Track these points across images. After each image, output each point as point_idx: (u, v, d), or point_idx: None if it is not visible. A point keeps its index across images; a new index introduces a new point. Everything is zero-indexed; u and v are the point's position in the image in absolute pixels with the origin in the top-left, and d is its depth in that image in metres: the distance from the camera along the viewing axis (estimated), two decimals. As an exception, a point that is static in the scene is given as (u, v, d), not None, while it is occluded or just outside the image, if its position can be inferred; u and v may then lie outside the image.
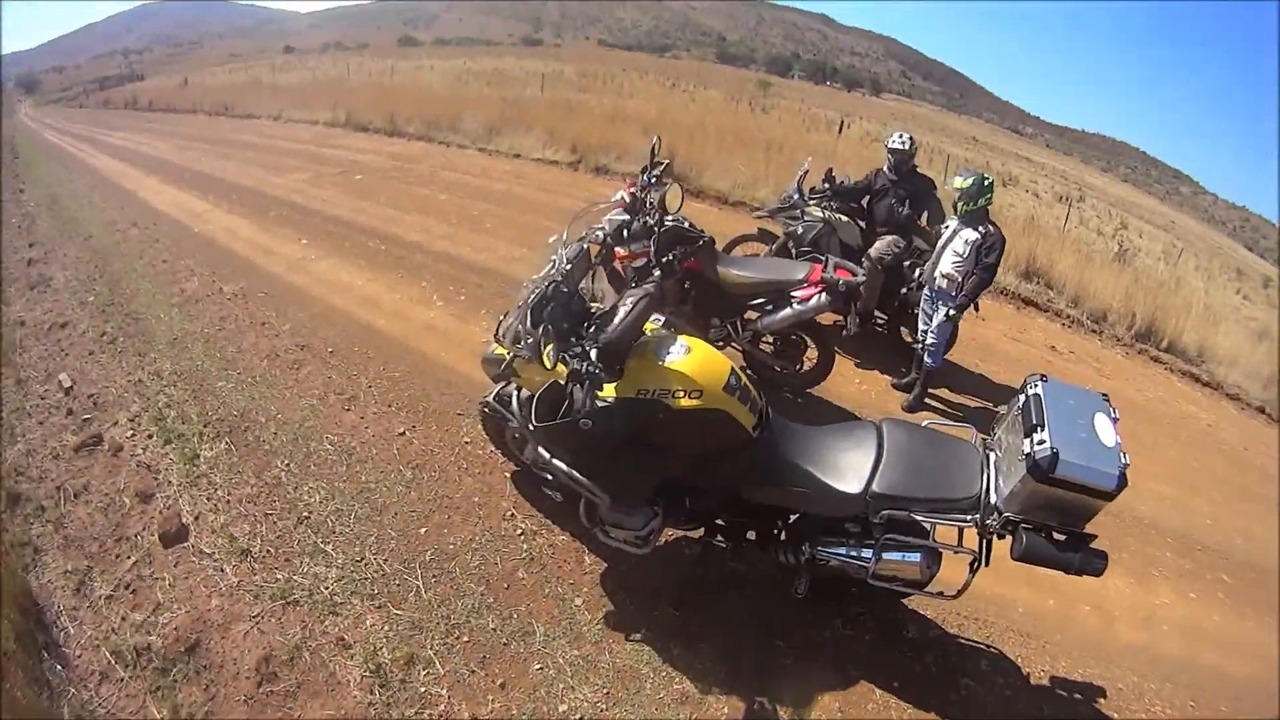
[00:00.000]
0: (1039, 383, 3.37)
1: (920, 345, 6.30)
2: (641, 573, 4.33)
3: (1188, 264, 23.53)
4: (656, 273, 5.05)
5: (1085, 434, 3.12)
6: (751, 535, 4.01)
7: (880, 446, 3.55)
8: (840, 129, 22.68)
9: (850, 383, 6.59)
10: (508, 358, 3.86)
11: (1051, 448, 2.97)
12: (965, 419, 6.10)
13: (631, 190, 5.67)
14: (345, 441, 5.42)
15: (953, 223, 6.05)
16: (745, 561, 4.37)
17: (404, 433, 5.52)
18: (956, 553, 3.47)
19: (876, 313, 7.36)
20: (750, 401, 3.52)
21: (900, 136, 7.26)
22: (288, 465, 5.20)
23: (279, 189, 12.53)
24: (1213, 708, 4.26)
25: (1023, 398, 3.37)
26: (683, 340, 3.54)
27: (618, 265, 5.65)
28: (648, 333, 3.68)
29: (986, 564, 3.44)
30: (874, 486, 3.39)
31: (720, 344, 5.88)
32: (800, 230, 7.24)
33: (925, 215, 7.22)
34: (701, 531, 4.09)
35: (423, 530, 4.64)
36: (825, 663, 3.95)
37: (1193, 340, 10.30)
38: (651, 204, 5.57)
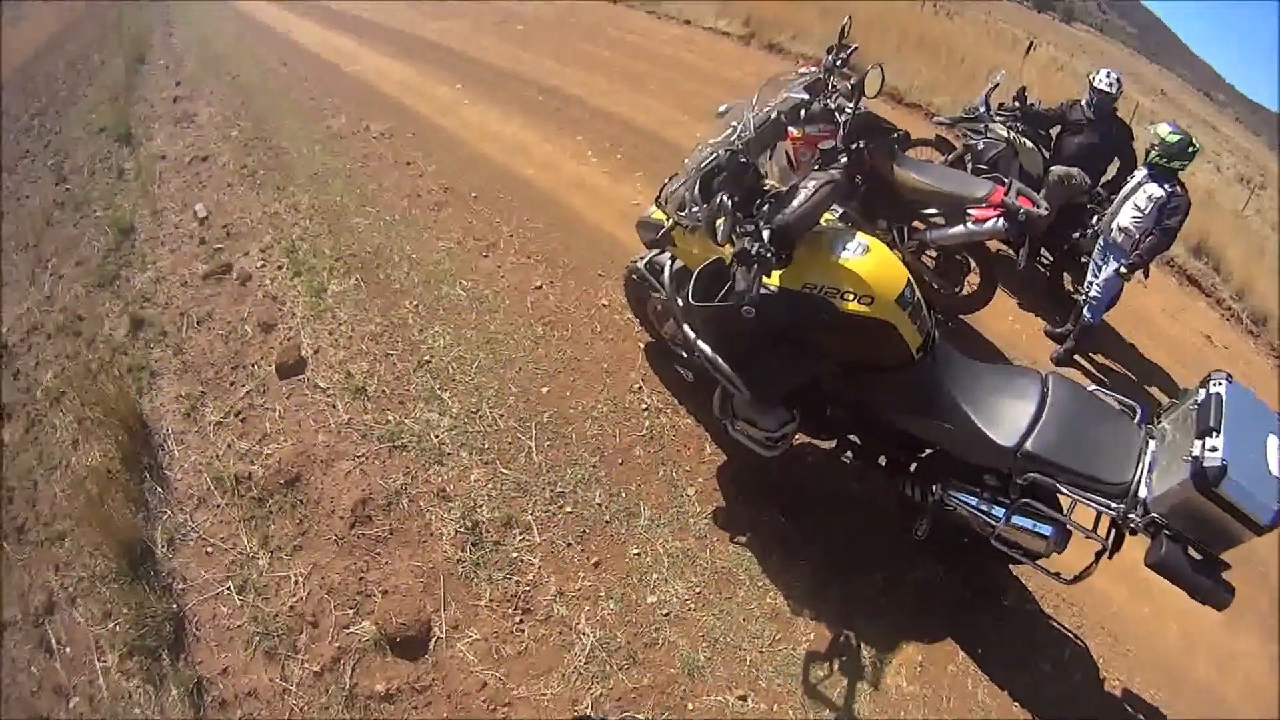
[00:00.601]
0: (1224, 382, 2.99)
1: (1084, 297, 5.86)
2: (760, 472, 4.13)
3: None
4: (843, 159, 4.52)
5: (1255, 455, 2.77)
6: (883, 461, 3.74)
7: (1043, 402, 3.22)
8: (1028, 50, 21.23)
9: (1003, 319, 6.16)
10: (667, 224, 3.61)
11: (1223, 459, 2.64)
12: (1115, 388, 5.71)
13: (815, 69, 5.25)
14: (478, 289, 5.32)
15: (1139, 174, 5.54)
16: (869, 485, 4.15)
17: (540, 286, 5.38)
18: (1088, 537, 3.19)
19: (1043, 252, 6.88)
20: (920, 320, 3.20)
21: (1108, 75, 6.57)
22: (416, 307, 5.15)
23: (435, 34, 12.25)
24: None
25: (1203, 393, 2.99)
26: (861, 237, 3.20)
27: (787, 147, 5.29)
28: (824, 223, 3.35)
29: (1111, 556, 3.16)
30: (1027, 444, 3.09)
31: None
32: (981, 146, 6.68)
33: (1116, 165, 6.64)
34: (834, 444, 3.84)
35: (545, 390, 4.55)
36: (919, 610, 3.77)
37: None
38: (835, 86, 5.11)
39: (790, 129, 5.00)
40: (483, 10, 13.44)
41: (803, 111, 4.88)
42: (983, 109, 6.77)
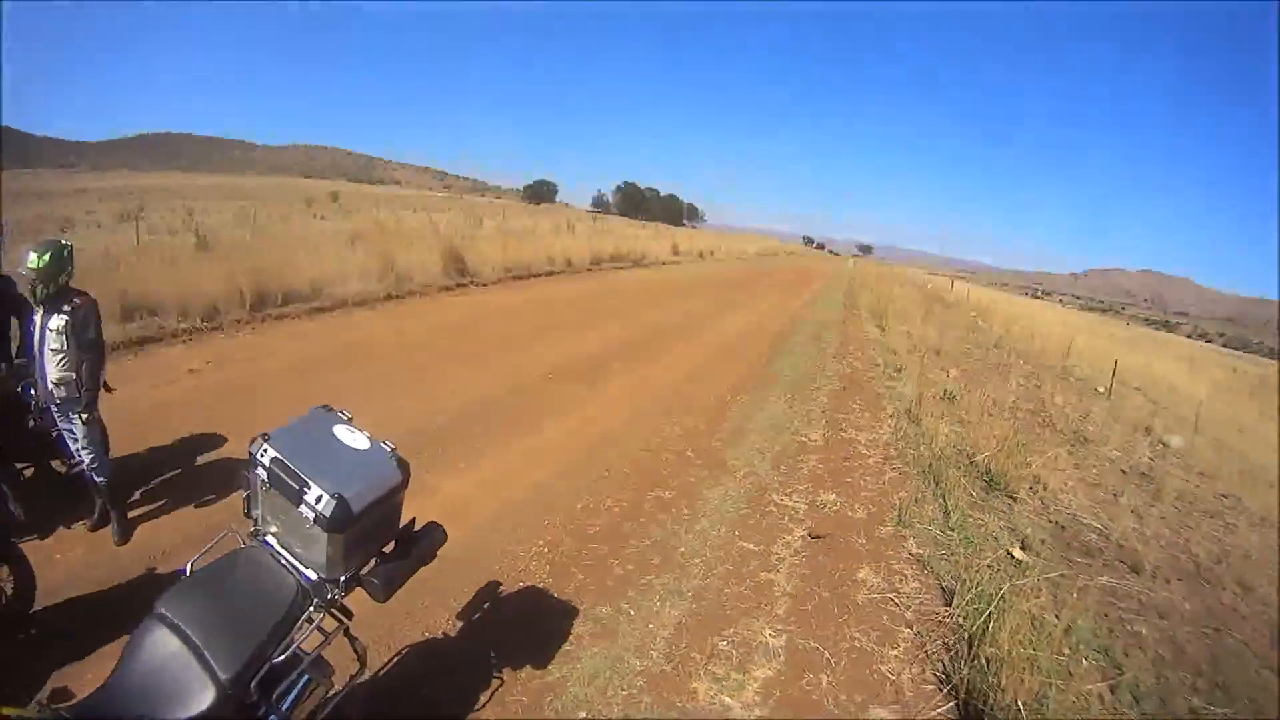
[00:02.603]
0: (266, 446, 3.02)
1: (84, 469, 5.54)
2: None
3: (261, 218, 25.28)
4: None
5: (343, 455, 3.01)
6: None
7: (183, 635, 2.88)
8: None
9: (52, 566, 5.19)
10: None
11: (334, 495, 2.79)
12: (184, 500, 5.77)
13: None
14: None
15: (37, 316, 5.21)
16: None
17: None
18: (328, 641, 3.21)
19: (17, 465, 6.24)
20: None
21: None
22: None
23: None
24: (546, 505, 5.50)
25: (261, 471, 3.02)
26: None
27: None
28: None
29: (351, 618, 3.28)
30: (221, 675, 2.77)
31: None
32: None
33: (17, 324, 6.04)
34: None
35: None
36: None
37: (304, 280, 11.19)
38: None
39: None
40: None
41: None
42: None
